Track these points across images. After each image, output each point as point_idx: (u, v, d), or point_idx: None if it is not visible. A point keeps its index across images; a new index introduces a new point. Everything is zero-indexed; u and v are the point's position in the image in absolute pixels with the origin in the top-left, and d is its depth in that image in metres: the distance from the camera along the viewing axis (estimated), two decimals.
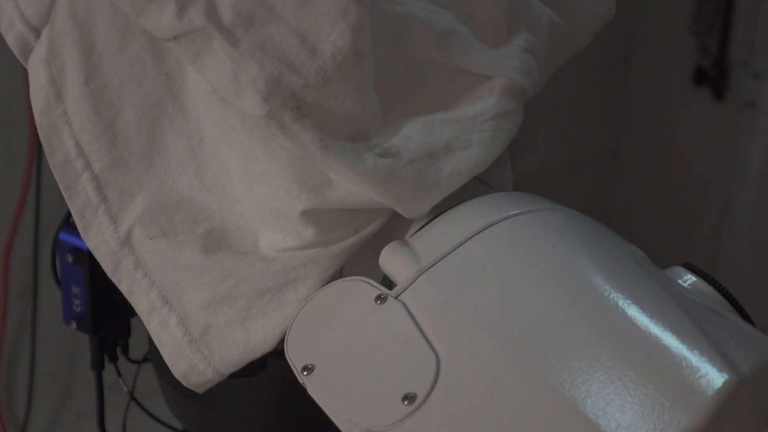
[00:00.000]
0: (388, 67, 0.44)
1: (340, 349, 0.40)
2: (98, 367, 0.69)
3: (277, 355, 0.45)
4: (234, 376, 0.46)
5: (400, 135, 0.43)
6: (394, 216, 0.45)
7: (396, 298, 0.40)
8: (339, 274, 0.46)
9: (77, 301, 0.65)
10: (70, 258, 0.63)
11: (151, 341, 0.67)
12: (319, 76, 0.41)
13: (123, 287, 0.47)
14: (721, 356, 0.33)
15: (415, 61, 0.45)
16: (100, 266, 0.48)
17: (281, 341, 0.43)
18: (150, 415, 0.75)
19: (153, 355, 0.64)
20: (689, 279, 0.40)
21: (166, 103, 0.47)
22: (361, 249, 0.46)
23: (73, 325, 0.66)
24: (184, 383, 0.46)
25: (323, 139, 0.41)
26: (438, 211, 0.44)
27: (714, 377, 0.32)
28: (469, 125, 0.44)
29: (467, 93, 0.46)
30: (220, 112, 0.45)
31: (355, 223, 0.45)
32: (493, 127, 0.44)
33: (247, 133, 0.44)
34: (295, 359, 0.41)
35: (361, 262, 0.46)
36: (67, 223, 0.64)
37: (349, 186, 0.43)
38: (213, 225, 0.47)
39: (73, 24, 0.47)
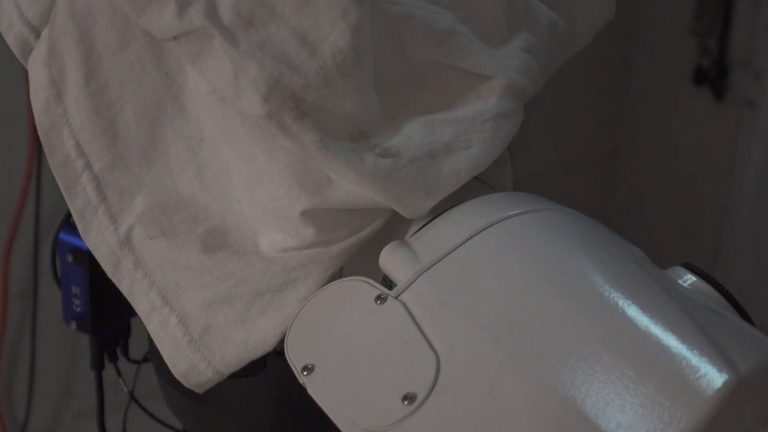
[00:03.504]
0: (387, 67, 0.44)
1: (340, 349, 0.40)
2: (98, 367, 0.69)
3: (277, 355, 0.45)
4: (234, 376, 0.46)
5: (400, 135, 0.43)
6: (394, 216, 0.45)
7: (396, 298, 0.40)
8: (339, 274, 0.46)
9: (77, 301, 0.65)
10: (70, 258, 0.63)
11: (151, 341, 0.67)
12: (320, 76, 0.41)
13: (123, 287, 0.47)
14: (721, 356, 0.33)
15: (415, 61, 0.45)
16: (100, 266, 0.48)
17: (281, 341, 0.43)
18: (150, 415, 0.75)
19: (153, 355, 0.64)
20: (689, 279, 0.40)
21: (166, 103, 0.47)
22: (361, 249, 0.46)
23: (73, 325, 0.66)
24: (184, 383, 0.46)
25: (323, 140, 0.41)
26: (438, 211, 0.44)
27: (714, 377, 0.32)
28: (469, 125, 0.44)
29: (467, 93, 0.46)
30: (220, 113, 0.45)
31: (355, 223, 0.45)
32: (493, 127, 0.44)
33: (247, 133, 0.44)
34: (295, 359, 0.41)
35: (361, 262, 0.46)
36: (67, 223, 0.64)
37: (349, 186, 0.43)
38: (213, 225, 0.47)
39: (73, 24, 0.47)
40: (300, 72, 0.41)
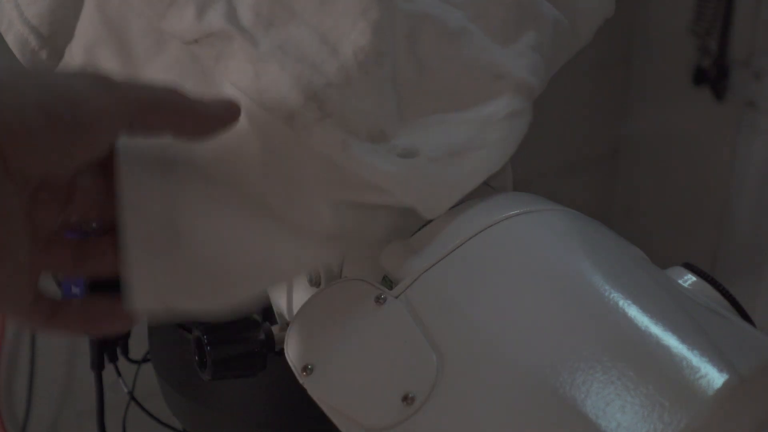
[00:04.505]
0: (402, 67, 0.44)
1: (340, 349, 0.40)
2: (98, 367, 0.69)
3: (277, 355, 0.45)
4: (234, 376, 0.46)
5: (418, 135, 0.43)
6: (395, 215, 0.45)
7: (396, 298, 0.40)
8: (339, 274, 0.46)
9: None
10: None
11: (151, 341, 0.67)
12: (341, 75, 0.41)
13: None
14: (721, 356, 0.33)
15: (429, 59, 0.45)
16: None
17: (281, 341, 0.43)
18: (150, 415, 0.75)
19: (153, 355, 0.64)
20: (689, 279, 0.40)
21: None
22: (361, 249, 0.46)
23: None
24: None
25: (345, 140, 0.41)
26: None
27: (714, 377, 0.32)
28: (484, 124, 0.44)
29: (479, 92, 0.45)
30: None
31: (356, 223, 0.45)
32: (507, 126, 0.44)
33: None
34: (295, 359, 0.41)
35: (361, 262, 0.46)
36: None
37: (368, 185, 0.42)
38: None
39: (107, 32, 0.46)
40: (321, 71, 0.41)
